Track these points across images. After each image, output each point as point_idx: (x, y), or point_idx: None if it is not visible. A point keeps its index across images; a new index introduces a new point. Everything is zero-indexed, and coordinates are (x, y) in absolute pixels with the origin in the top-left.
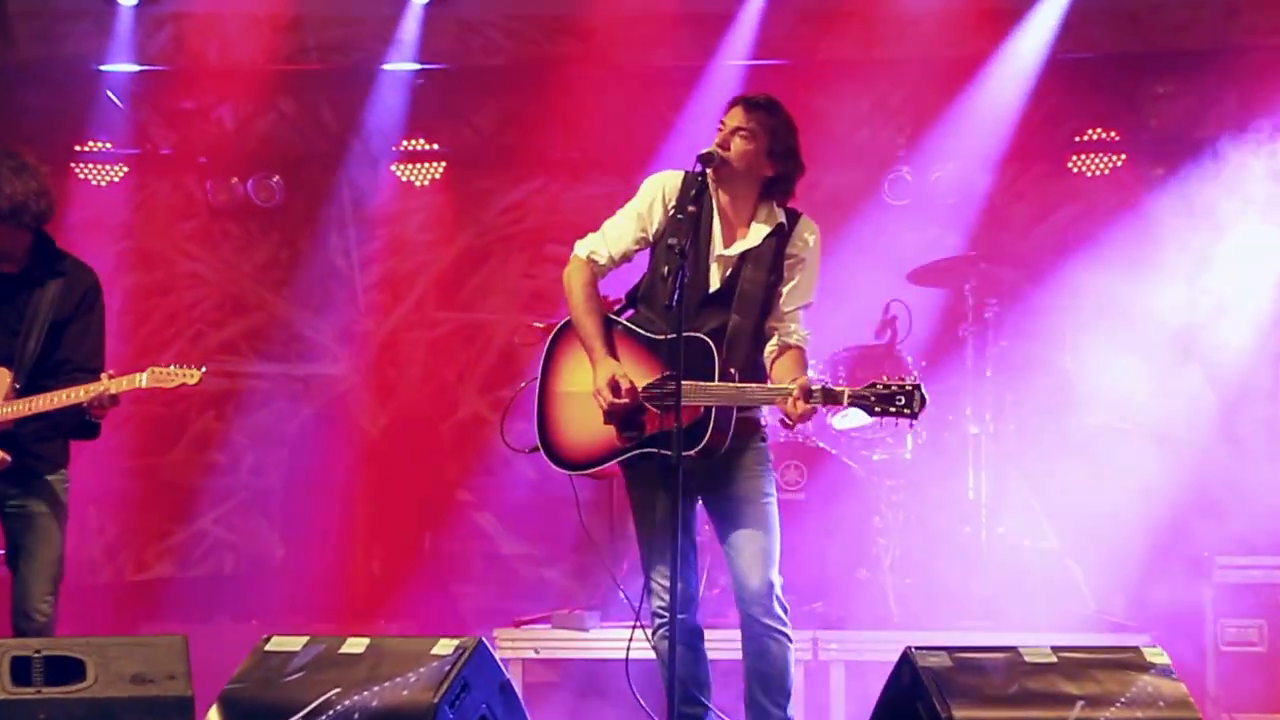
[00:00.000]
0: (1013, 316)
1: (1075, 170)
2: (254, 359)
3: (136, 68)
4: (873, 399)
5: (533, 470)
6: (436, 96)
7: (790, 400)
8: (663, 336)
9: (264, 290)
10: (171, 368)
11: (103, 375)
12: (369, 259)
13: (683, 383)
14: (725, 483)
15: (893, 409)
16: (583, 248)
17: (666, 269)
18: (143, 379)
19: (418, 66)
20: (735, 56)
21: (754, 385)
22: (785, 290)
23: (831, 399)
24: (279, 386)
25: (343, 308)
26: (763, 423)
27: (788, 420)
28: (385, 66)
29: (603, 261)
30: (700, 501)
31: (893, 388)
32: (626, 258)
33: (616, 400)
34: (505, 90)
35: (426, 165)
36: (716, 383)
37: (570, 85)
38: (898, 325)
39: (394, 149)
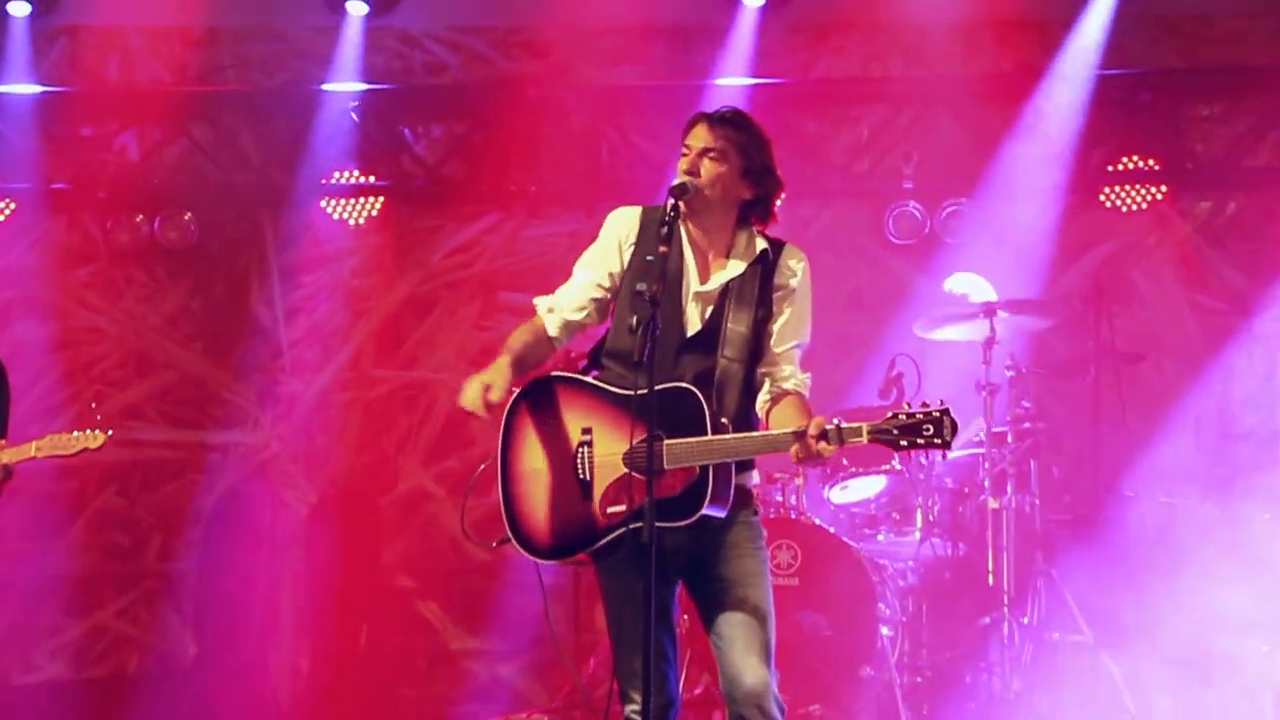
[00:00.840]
0: (1037, 373)
1: (1109, 204)
2: (162, 425)
3: (25, 88)
4: (896, 431)
5: (484, 553)
6: (373, 121)
7: (803, 442)
8: (636, 391)
9: (174, 346)
10: (74, 433)
11: None
12: (295, 309)
13: (670, 442)
14: (712, 563)
15: (921, 440)
16: (540, 300)
17: (635, 319)
18: (37, 447)
19: (352, 87)
20: (716, 74)
21: (756, 434)
22: (775, 327)
23: (849, 436)
24: (191, 457)
25: (265, 366)
26: (755, 493)
27: (803, 455)
28: (314, 87)
29: (559, 313)
30: (681, 585)
31: (918, 416)
32: (586, 314)
33: (478, 408)
34: (452, 114)
35: (362, 200)
36: (711, 437)
37: (527, 107)
38: (904, 383)
39: (324, 182)
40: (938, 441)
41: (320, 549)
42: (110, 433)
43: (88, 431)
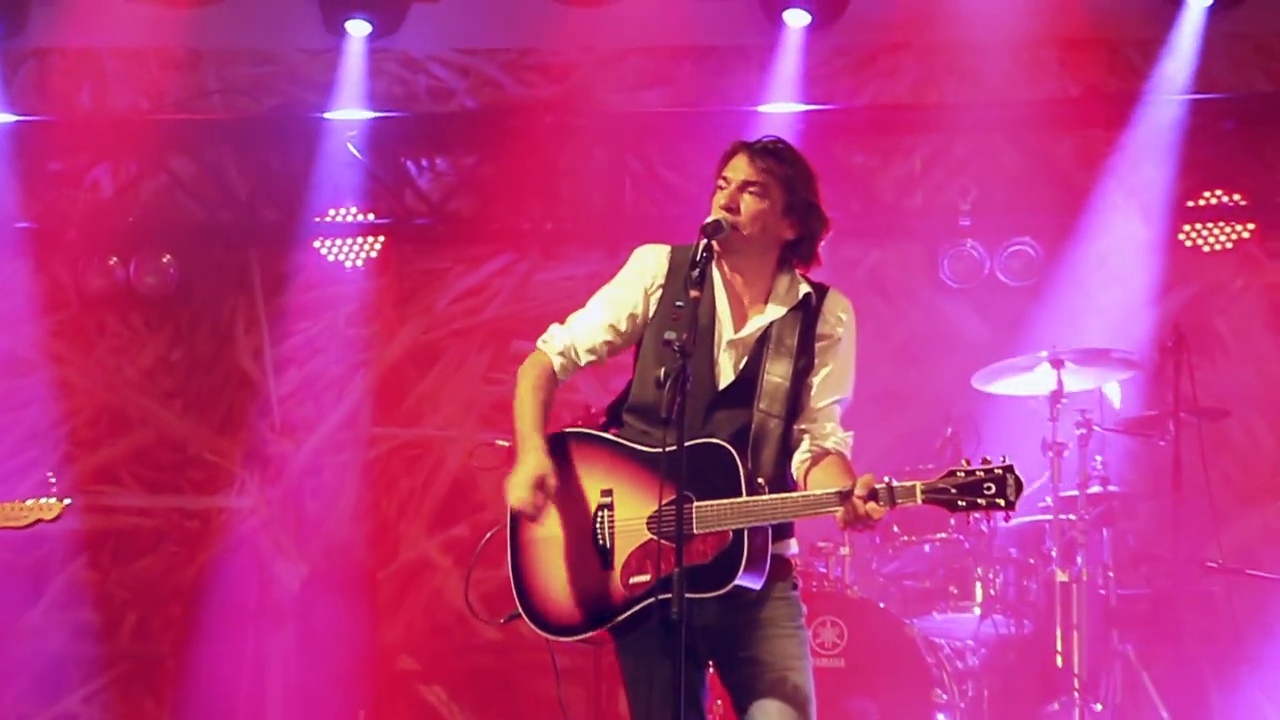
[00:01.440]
0: (1109, 431)
1: (1189, 243)
2: (138, 490)
3: None
4: (954, 491)
5: (494, 630)
6: (373, 153)
7: (849, 503)
8: (663, 449)
9: (151, 402)
10: (29, 501)
11: None
12: (286, 360)
13: (700, 504)
14: (746, 643)
15: (981, 500)
16: (544, 340)
17: (663, 371)
18: None
19: (350, 115)
20: (752, 100)
21: (796, 495)
22: (816, 381)
23: (901, 497)
24: (170, 525)
25: (252, 424)
26: (795, 563)
27: (849, 518)
28: (308, 115)
29: (569, 354)
30: (712, 668)
31: (978, 474)
32: (596, 356)
33: (531, 504)
34: (460, 144)
35: (360, 240)
36: (746, 498)
37: (542, 137)
38: (961, 443)
39: (319, 220)
40: (1000, 502)
41: (313, 627)
42: (68, 502)
43: (43, 500)
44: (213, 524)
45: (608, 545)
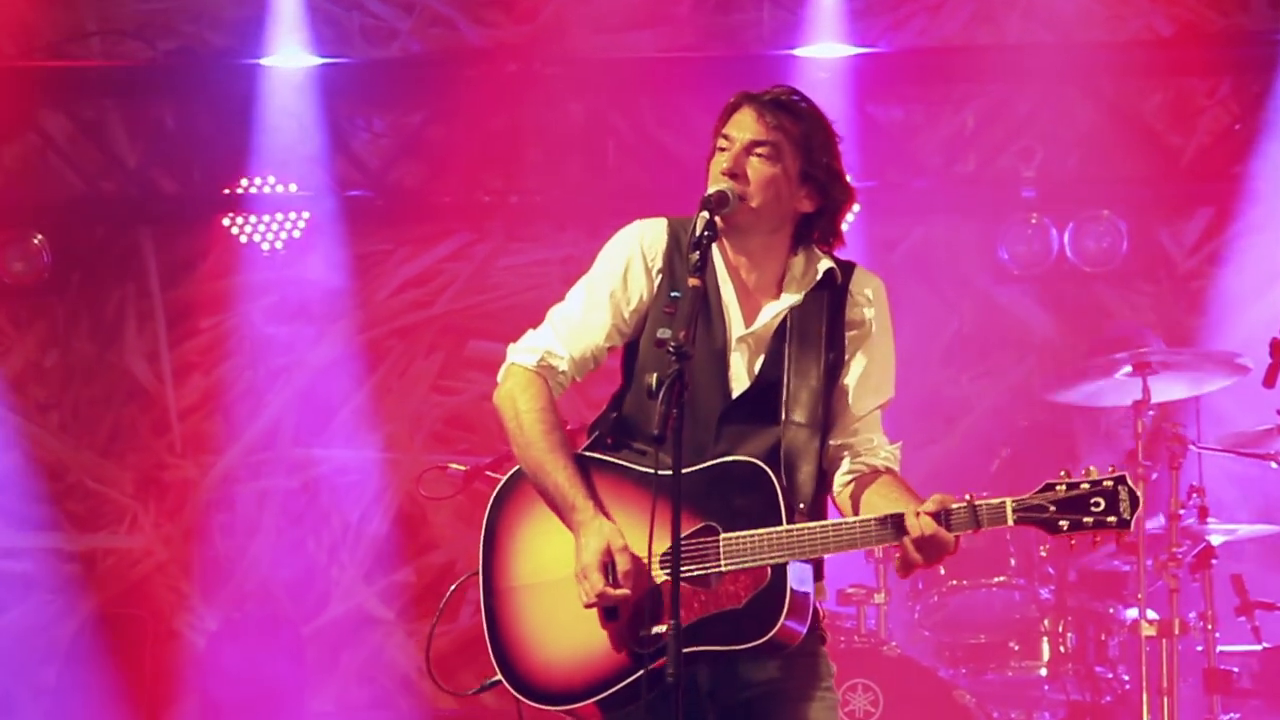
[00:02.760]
0: (1209, 450)
1: None
2: (2, 526)
3: None
4: (1053, 509)
5: (447, 700)
6: (296, 108)
7: (919, 529)
8: (676, 471)
9: (19, 418)
10: None
11: None
12: (189, 366)
13: (730, 535)
14: (764, 709)
15: (1088, 520)
16: (525, 353)
17: (654, 380)
18: None
19: (267, 61)
20: (763, 44)
21: (852, 520)
22: (851, 383)
23: (989, 518)
24: (43, 570)
25: (146, 444)
26: (823, 613)
27: (911, 559)
28: (213, 62)
29: (562, 368)
30: None
31: (1083, 487)
32: (594, 361)
33: (612, 591)
34: (405, 99)
35: (280, 217)
36: (787, 526)
37: (505, 90)
38: (1022, 467)
39: (227, 192)
40: (1111, 520)
41: (221, 692)
42: None
43: None
44: (97, 568)
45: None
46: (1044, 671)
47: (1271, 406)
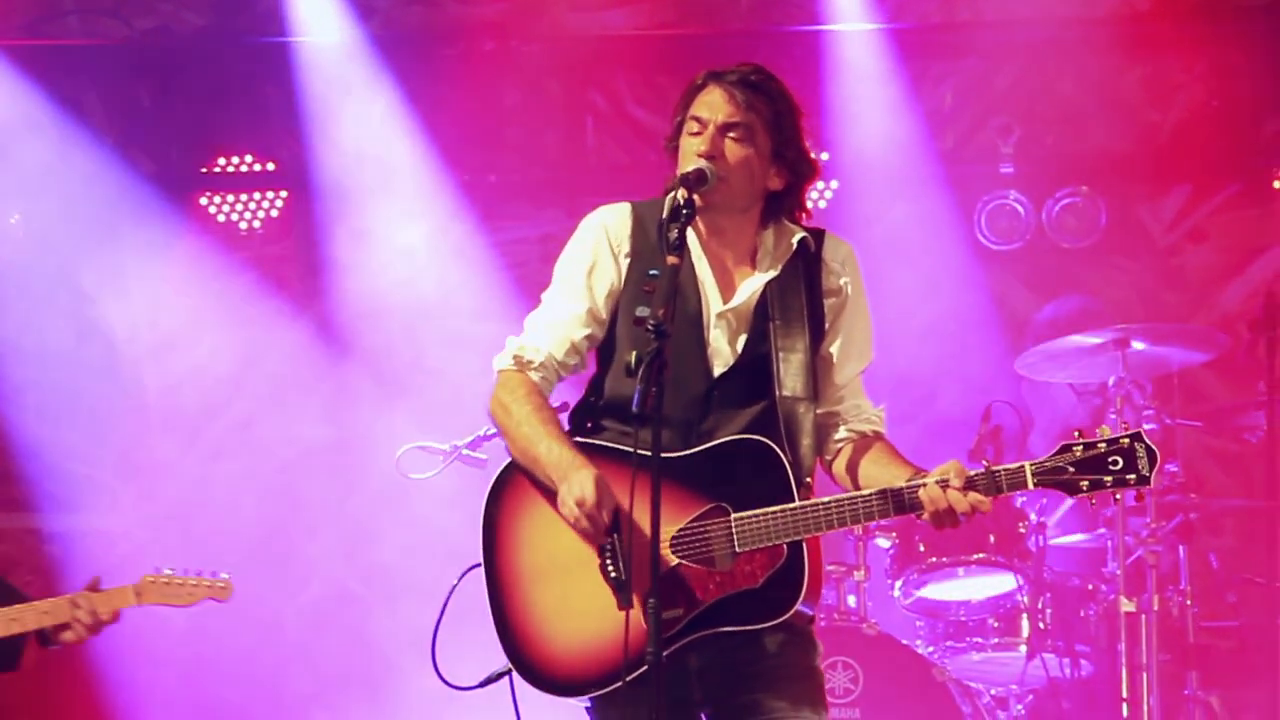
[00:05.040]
0: (1186, 426)
1: None
2: None
3: None
4: (1072, 470)
5: (431, 680)
6: (272, 87)
7: (941, 493)
8: (689, 450)
9: None
10: (192, 577)
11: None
12: (166, 344)
13: (742, 514)
14: (750, 686)
15: (1108, 478)
16: (503, 358)
17: (633, 357)
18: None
19: (245, 38)
20: (742, 20)
21: (868, 493)
22: (834, 349)
23: (1009, 483)
24: (20, 551)
25: (125, 423)
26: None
27: (939, 515)
28: (191, 39)
29: (539, 360)
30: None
31: (1100, 446)
32: (579, 359)
33: (596, 514)
34: (384, 78)
35: (258, 196)
36: (799, 502)
37: (482, 66)
38: (1004, 437)
39: (205, 171)
40: (1131, 478)
41: (202, 676)
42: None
43: (208, 577)
44: (76, 549)
45: (623, 576)
46: (1023, 649)
47: (1249, 382)
